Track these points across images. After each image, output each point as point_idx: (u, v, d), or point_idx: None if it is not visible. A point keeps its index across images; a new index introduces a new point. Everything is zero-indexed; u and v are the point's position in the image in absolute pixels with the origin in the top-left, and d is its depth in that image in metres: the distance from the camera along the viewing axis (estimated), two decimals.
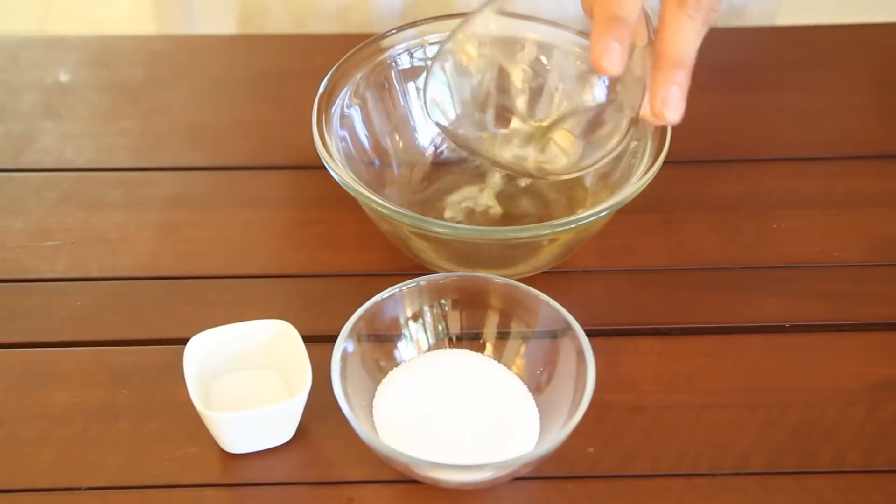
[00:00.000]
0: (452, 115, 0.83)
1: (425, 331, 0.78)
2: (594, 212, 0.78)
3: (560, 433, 0.71)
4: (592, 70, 0.79)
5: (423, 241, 0.82)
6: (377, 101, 0.89)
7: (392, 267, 0.85)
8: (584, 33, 0.88)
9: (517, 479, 0.73)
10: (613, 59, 0.69)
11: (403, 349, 0.78)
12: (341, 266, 0.86)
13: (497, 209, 0.87)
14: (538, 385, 0.76)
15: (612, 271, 0.86)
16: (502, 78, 0.89)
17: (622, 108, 0.78)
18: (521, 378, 0.77)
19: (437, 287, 0.78)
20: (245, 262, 0.86)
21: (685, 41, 0.71)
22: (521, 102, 0.89)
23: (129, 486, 0.74)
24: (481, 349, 0.78)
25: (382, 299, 0.77)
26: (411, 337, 0.78)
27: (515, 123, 0.88)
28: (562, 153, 0.80)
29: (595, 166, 0.80)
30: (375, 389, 0.76)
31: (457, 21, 0.90)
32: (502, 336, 0.78)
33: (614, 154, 0.79)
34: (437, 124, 0.81)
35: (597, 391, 0.76)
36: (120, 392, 0.78)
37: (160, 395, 0.78)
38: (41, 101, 0.98)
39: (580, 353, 0.74)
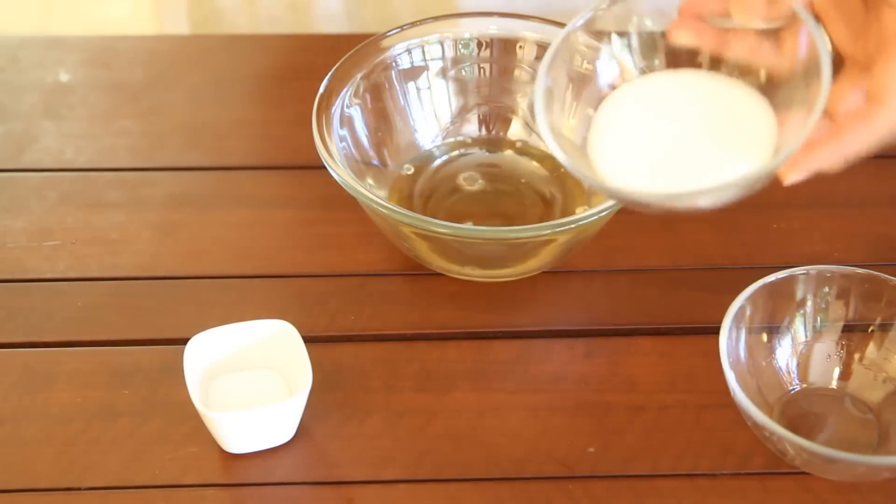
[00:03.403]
0: None
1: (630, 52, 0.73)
2: (594, 212, 0.78)
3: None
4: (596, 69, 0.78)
5: (423, 241, 0.82)
6: (377, 101, 0.89)
7: (392, 267, 0.85)
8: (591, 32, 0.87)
9: (519, 478, 0.73)
10: (797, 181, 0.68)
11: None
12: (341, 266, 0.86)
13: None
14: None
15: (612, 271, 0.86)
16: (504, 79, 0.90)
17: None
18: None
19: None
20: (245, 262, 0.86)
21: (866, 142, 0.68)
22: (523, 103, 0.89)
23: (129, 486, 0.74)
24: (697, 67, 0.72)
25: None
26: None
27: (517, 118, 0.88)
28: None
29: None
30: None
31: (458, 21, 0.90)
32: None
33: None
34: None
35: (597, 391, 0.77)
36: (120, 392, 0.78)
37: (160, 395, 0.78)
38: (41, 101, 0.98)
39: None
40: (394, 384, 0.79)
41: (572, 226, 0.78)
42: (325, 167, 0.81)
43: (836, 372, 0.78)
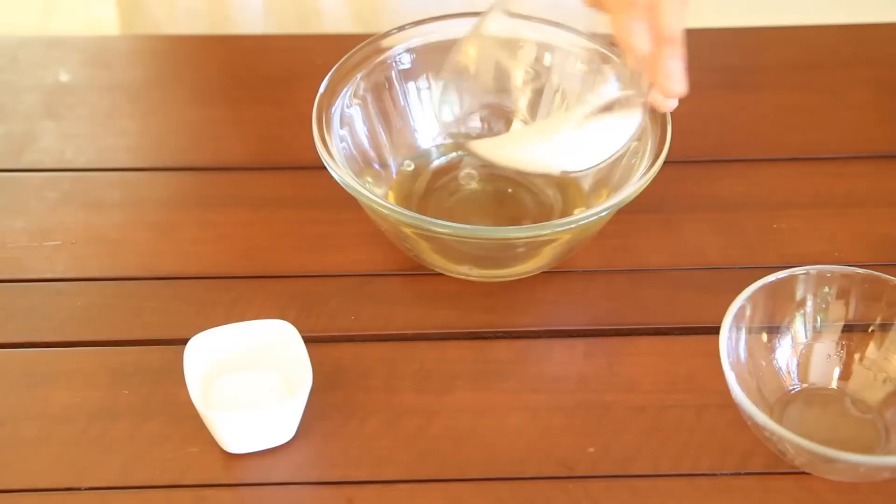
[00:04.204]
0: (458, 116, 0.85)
1: None
2: (594, 212, 0.78)
3: None
4: (595, 69, 0.80)
5: (423, 241, 0.82)
6: (377, 101, 0.89)
7: (392, 267, 0.85)
8: (587, 33, 0.88)
9: (519, 478, 0.74)
10: (640, 37, 0.73)
11: None
12: (341, 266, 0.86)
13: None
14: None
15: (612, 271, 0.86)
16: (503, 79, 0.89)
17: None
18: None
19: None
20: (245, 262, 0.86)
21: (672, 19, 0.73)
22: (522, 103, 0.90)
23: (129, 486, 0.74)
24: None
25: None
26: None
27: (518, 124, 0.89)
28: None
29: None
30: None
31: (458, 21, 0.90)
32: None
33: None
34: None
35: (597, 391, 0.77)
36: (120, 392, 0.78)
37: (160, 395, 0.78)
38: (41, 101, 0.98)
39: None
40: (394, 384, 0.79)
41: (572, 226, 0.78)
42: (325, 167, 0.81)
43: (836, 372, 0.78)
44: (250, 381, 0.77)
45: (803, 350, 0.78)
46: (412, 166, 0.89)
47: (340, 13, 1.07)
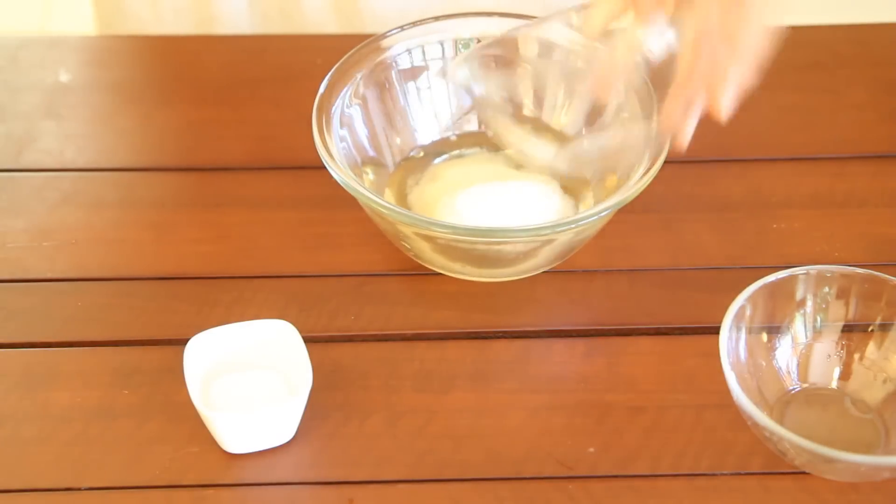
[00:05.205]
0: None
1: None
2: (594, 212, 0.78)
3: None
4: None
5: (423, 241, 0.82)
6: (377, 101, 0.89)
7: (392, 267, 0.85)
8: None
9: (519, 478, 0.74)
10: (687, 134, 0.75)
11: None
12: (341, 266, 0.86)
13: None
14: None
15: (612, 271, 0.86)
16: (507, 78, 0.90)
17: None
18: None
19: None
20: (245, 262, 0.86)
21: (725, 103, 0.75)
22: (526, 101, 0.90)
23: (129, 486, 0.74)
24: None
25: None
26: None
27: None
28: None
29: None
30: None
31: (457, 22, 0.90)
32: None
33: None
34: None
35: (597, 391, 0.77)
36: (120, 392, 0.78)
37: (160, 395, 0.78)
38: (41, 101, 0.98)
39: None
40: (394, 384, 0.79)
41: (572, 226, 0.78)
42: (325, 167, 0.81)
43: (836, 372, 0.78)
44: (250, 381, 0.77)
45: (803, 350, 0.78)
46: (421, 153, 0.89)
47: (323, 13, 1.07)
